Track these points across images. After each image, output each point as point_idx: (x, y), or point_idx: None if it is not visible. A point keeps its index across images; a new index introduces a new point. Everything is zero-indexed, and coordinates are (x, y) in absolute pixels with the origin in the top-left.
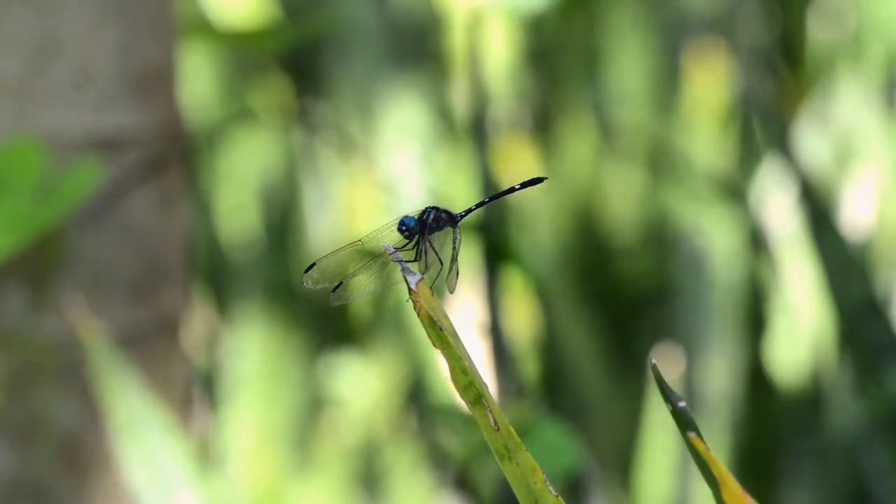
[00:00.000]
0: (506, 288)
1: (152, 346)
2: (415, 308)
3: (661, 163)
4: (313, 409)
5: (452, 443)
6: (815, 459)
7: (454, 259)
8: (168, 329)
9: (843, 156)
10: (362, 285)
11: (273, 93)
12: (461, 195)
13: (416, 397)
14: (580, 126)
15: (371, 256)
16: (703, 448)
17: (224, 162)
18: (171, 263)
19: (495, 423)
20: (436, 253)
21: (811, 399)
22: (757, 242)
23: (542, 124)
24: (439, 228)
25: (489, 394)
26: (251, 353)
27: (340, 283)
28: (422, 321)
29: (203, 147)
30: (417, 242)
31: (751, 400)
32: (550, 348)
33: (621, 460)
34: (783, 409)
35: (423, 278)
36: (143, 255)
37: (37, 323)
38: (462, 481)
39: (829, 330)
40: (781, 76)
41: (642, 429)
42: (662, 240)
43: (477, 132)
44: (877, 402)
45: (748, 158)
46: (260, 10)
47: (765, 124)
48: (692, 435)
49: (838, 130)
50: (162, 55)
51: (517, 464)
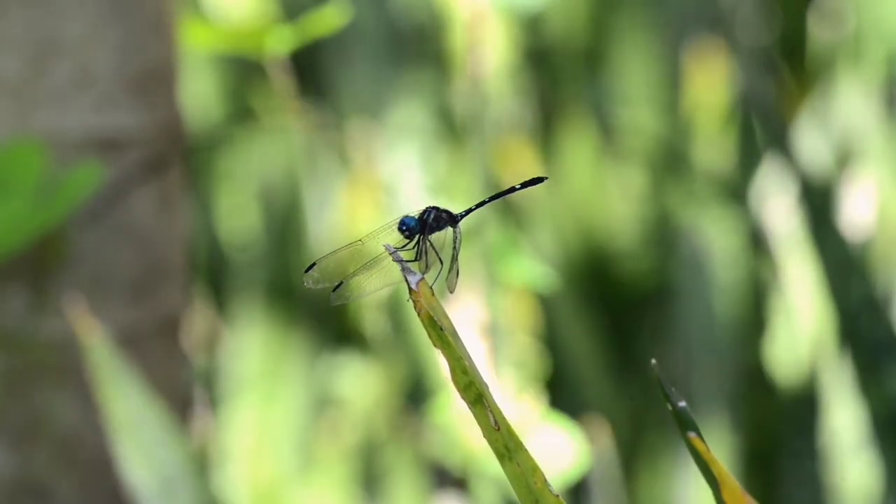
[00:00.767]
0: (506, 288)
1: (152, 346)
2: (415, 308)
3: (661, 163)
4: (313, 409)
5: (452, 443)
6: (815, 459)
7: (454, 259)
8: (168, 329)
9: (843, 156)
10: (362, 285)
11: (273, 93)
12: (461, 195)
13: (416, 397)
14: (580, 126)
15: (371, 256)
16: (703, 448)
17: (224, 162)
18: (172, 263)
19: (496, 422)
20: (436, 253)
21: (811, 399)
22: (757, 242)
23: (542, 124)
24: (439, 228)
25: (490, 393)
26: (251, 353)
27: (341, 283)
28: (422, 321)
29: (203, 147)
30: (418, 242)
31: (751, 400)
32: (550, 348)
33: (621, 460)
34: (783, 409)
35: (423, 278)
36: (144, 256)
37: (37, 323)
38: (462, 481)
39: (829, 330)
40: (781, 76)
41: (642, 429)
42: (662, 240)
43: (477, 132)
44: (877, 402)
45: (748, 158)
46: (260, 10)
47: (765, 124)
48: (692, 435)
49: (838, 130)
50: (162, 55)
51: (518, 463)
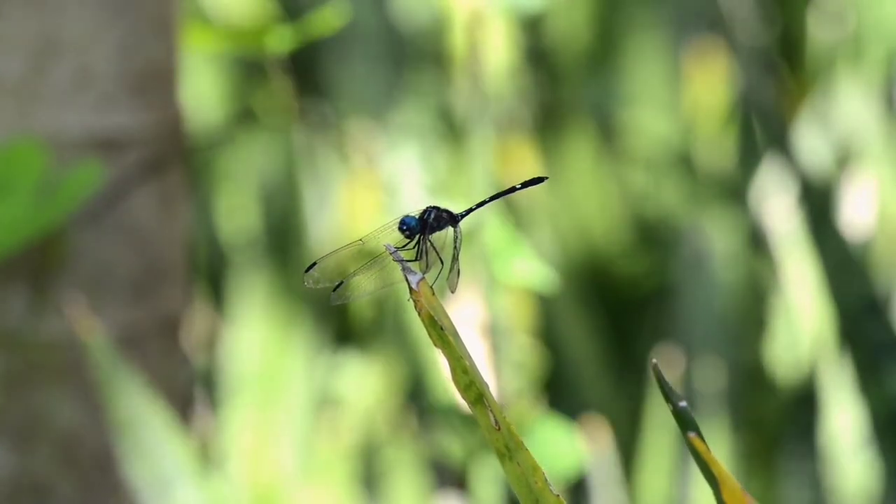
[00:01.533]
0: (506, 288)
1: (152, 346)
2: (415, 308)
3: (661, 163)
4: (313, 408)
5: (452, 443)
6: (815, 459)
7: (455, 259)
8: (168, 329)
9: (843, 156)
10: (363, 285)
11: (273, 93)
12: (461, 195)
13: (416, 397)
14: (580, 126)
15: (371, 256)
16: (703, 448)
17: (224, 162)
18: (172, 263)
19: (496, 422)
20: (436, 252)
21: (811, 399)
22: (757, 242)
23: (542, 124)
24: (440, 228)
25: (490, 393)
26: (251, 353)
27: (341, 283)
28: (423, 321)
29: (203, 147)
30: (418, 242)
31: (751, 400)
32: (550, 348)
33: (621, 460)
34: (783, 409)
35: (423, 278)
36: (144, 255)
37: (37, 323)
38: (462, 481)
39: (829, 330)
40: (781, 76)
41: (642, 429)
42: (662, 240)
43: (477, 132)
44: (877, 402)
45: (748, 158)
46: (260, 10)
47: (765, 124)
48: (692, 435)
49: (838, 130)
50: (163, 55)
51: (518, 463)
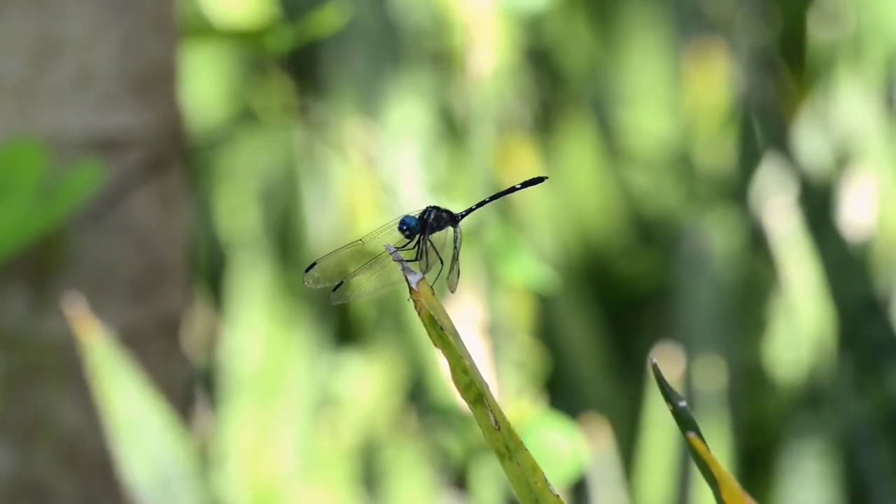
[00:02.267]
0: (506, 288)
1: (152, 345)
2: (416, 307)
3: (661, 163)
4: (314, 408)
5: (452, 443)
6: (815, 459)
7: (455, 258)
8: (168, 329)
9: (843, 156)
10: (363, 285)
11: (273, 93)
12: (461, 195)
13: (416, 397)
14: (580, 126)
15: (371, 256)
16: (703, 448)
17: (224, 162)
18: (172, 263)
19: (496, 422)
20: (437, 252)
21: (811, 399)
22: (757, 242)
23: (542, 124)
24: (440, 228)
25: (490, 393)
26: (251, 352)
27: (341, 283)
28: (422, 321)
29: (204, 147)
30: (418, 242)
31: (751, 400)
32: (550, 348)
33: (621, 460)
34: (783, 409)
35: (423, 278)
36: (144, 255)
37: (38, 323)
38: (462, 481)
39: (829, 330)
40: (781, 76)
41: (642, 429)
42: (662, 240)
43: (477, 132)
44: (877, 402)
45: (748, 158)
46: (260, 10)
47: (765, 124)
48: (692, 435)
49: (838, 130)
50: (163, 55)
51: (518, 463)
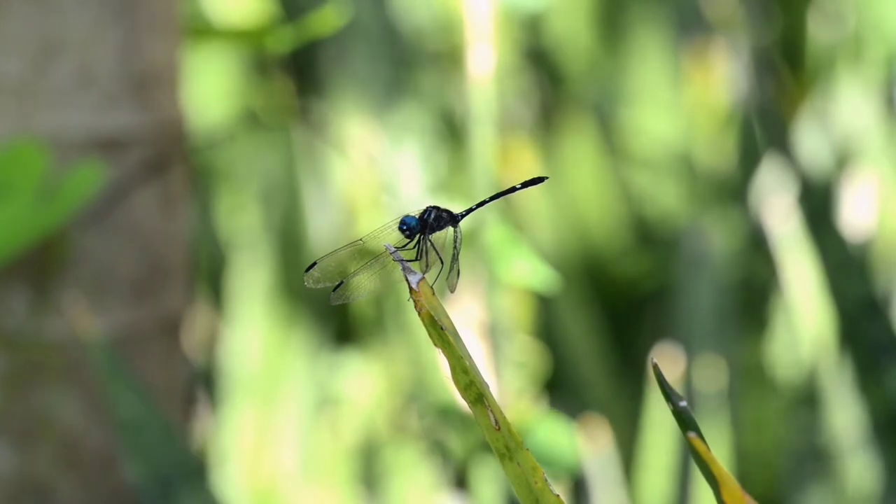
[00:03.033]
0: (506, 288)
1: (153, 345)
2: (416, 307)
3: (661, 163)
4: (313, 408)
5: (452, 443)
6: (815, 459)
7: (455, 258)
8: (169, 329)
9: (843, 156)
10: (363, 284)
11: (273, 93)
12: (461, 195)
13: (416, 397)
14: (580, 126)
15: (372, 256)
16: (703, 448)
17: (225, 162)
18: (173, 263)
19: (496, 422)
20: (437, 252)
21: (811, 399)
22: (757, 242)
23: (543, 124)
24: (440, 228)
25: (490, 393)
26: (251, 353)
27: (341, 283)
28: (423, 320)
29: (204, 147)
30: (418, 242)
31: (751, 400)
32: (550, 348)
33: (621, 460)
34: (783, 409)
35: (423, 278)
36: (145, 255)
37: (39, 323)
38: (462, 481)
39: (829, 330)
40: (781, 76)
41: (642, 429)
42: (662, 240)
43: (477, 132)
44: (877, 402)
45: (748, 158)
46: (260, 10)
47: (765, 124)
48: (692, 435)
49: (838, 130)
50: (164, 55)
51: (518, 463)
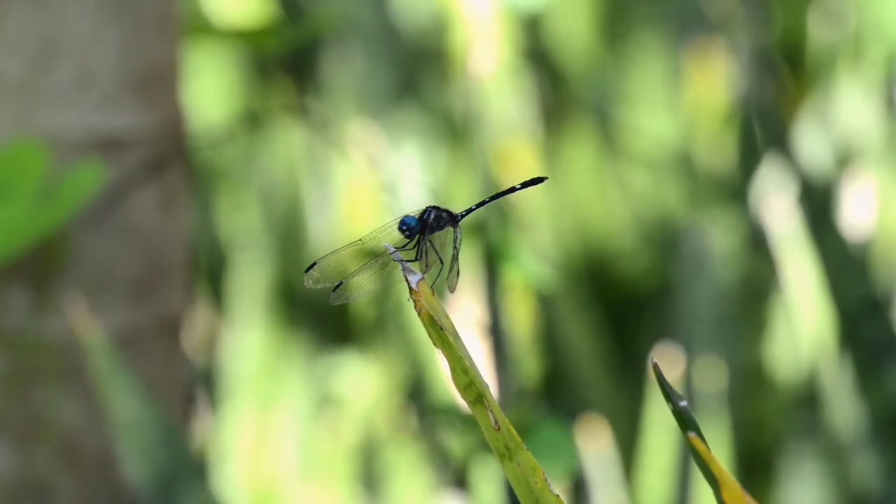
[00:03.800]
0: (506, 288)
1: (152, 346)
2: (415, 307)
3: (662, 163)
4: (313, 409)
5: (452, 443)
6: (815, 459)
7: (455, 259)
8: (168, 329)
9: (843, 156)
10: (363, 285)
11: (274, 93)
12: (461, 195)
13: (416, 397)
14: (580, 126)
15: (371, 256)
16: (703, 448)
17: (225, 162)
18: (173, 263)
19: (496, 422)
20: (436, 252)
21: (811, 399)
22: (757, 242)
23: (542, 124)
24: (440, 228)
25: (490, 393)
26: (251, 353)
27: (341, 283)
28: (422, 321)
29: (204, 147)
30: (418, 242)
31: (751, 400)
32: (550, 348)
33: (621, 460)
34: (783, 409)
35: (423, 278)
36: (145, 256)
37: (39, 323)
38: (462, 481)
39: (829, 330)
40: (781, 76)
41: (642, 429)
42: (662, 240)
43: (477, 132)
44: (877, 402)
45: (748, 158)
46: (260, 10)
47: (765, 124)
48: (692, 435)
49: (838, 130)
50: (164, 55)
51: (518, 463)
